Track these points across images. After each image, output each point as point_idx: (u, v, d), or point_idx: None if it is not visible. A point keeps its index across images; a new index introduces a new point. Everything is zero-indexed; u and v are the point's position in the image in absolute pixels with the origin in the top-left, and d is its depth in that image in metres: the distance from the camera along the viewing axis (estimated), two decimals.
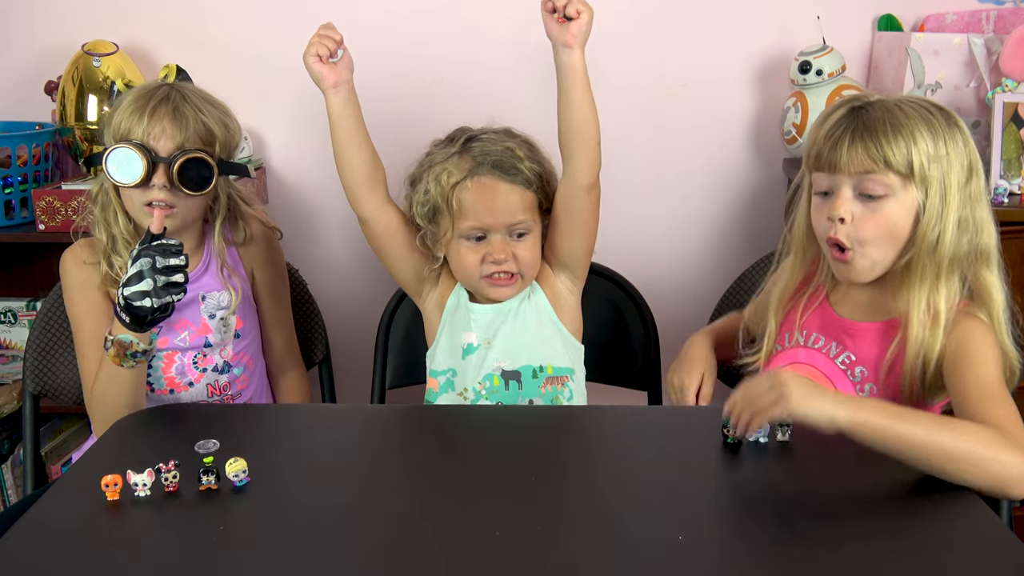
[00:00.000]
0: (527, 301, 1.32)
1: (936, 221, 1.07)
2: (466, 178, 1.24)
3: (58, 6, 1.91)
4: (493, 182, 1.23)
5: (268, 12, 1.93)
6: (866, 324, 1.17)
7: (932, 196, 1.07)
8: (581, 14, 1.17)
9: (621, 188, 1.99)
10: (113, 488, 0.91)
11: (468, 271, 1.28)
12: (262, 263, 1.45)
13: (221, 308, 1.38)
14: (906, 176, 1.06)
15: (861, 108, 1.09)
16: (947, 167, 1.07)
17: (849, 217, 1.09)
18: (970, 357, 1.06)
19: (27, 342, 1.45)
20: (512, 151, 1.25)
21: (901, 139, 1.05)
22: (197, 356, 1.37)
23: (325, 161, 2.03)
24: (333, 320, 1.66)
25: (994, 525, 0.88)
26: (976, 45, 1.73)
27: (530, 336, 1.31)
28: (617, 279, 1.53)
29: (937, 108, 1.10)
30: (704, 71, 1.95)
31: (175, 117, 1.26)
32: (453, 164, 1.25)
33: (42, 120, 1.91)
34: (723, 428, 1.04)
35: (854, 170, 1.07)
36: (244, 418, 1.21)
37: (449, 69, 1.95)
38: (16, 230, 1.76)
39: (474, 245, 1.26)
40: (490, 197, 1.23)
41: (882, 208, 1.08)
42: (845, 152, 1.07)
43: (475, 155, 1.25)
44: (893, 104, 1.09)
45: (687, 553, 0.83)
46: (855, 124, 1.08)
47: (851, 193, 1.09)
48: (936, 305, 1.08)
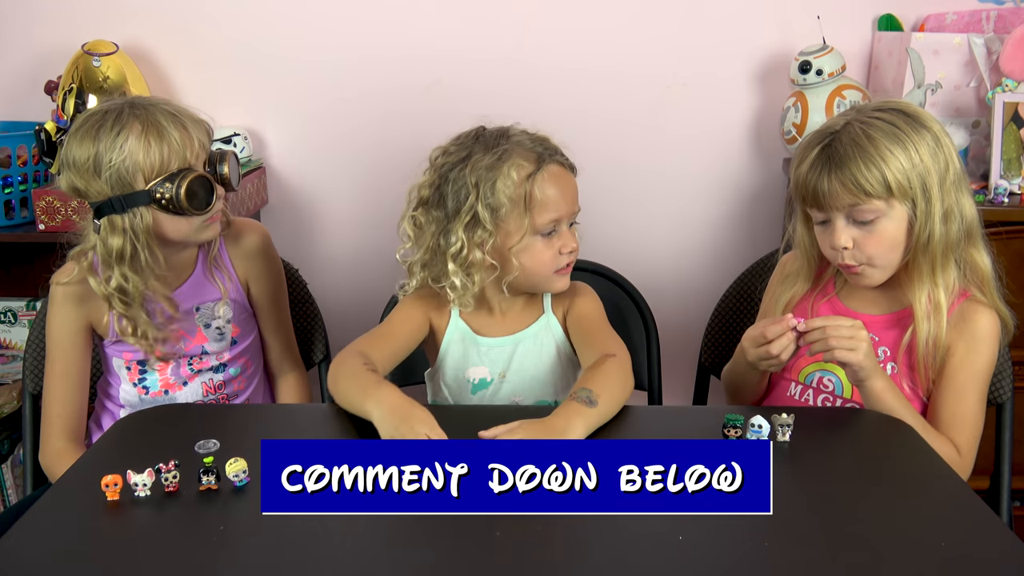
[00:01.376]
0: (545, 331, 1.29)
1: (925, 222, 1.14)
2: (540, 169, 1.17)
3: (58, 6, 1.91)
4: (561, 171, 1.20)
5: (268, 12, 1.93)
6: (879, 317, 1.24)
7: (919, 203, 1.14)
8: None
9: (621, 188, 2.00)
10: (113, 488, 0.91)
11: (543, 268, 1.21)
12: (258, 275, 1.42)
13: (216, 318, 1.37)
14: (888, 196, 1.13)
15: (829, 144, 1.15)
16: (924, 172, 1.13)
17: (850, 244, 1.16)
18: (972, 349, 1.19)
19: (27, 342, 1.45)
20: (550, 142, 1.22)
21: (873, 167, 1.12)
22: (193, 359, 1.37)
23: (325, 161, 2.05)
24: (333, 320, 1.66)
25: (994, 525, 0.88)
26: (976, 45, 1.73)
27: (545, 368, 1.28)
28: (617, 279, 1.53)
29: (899, 113, 1.16)
30: (704, 71, 1.95)
31: (192, 126, 1.24)
32: (519, 159, 1.17)
33: (42, 120, 1.91)
34: (723, 428, 1.05)
35: (840, 205, 1.14)
36: (244, 418, 1.21)
37: (449, 70, 1.95)
38: (16, 230, 1.76)
39: (548, 240, 1.20)
40: (564, 185, 1.19)
41: (877, 228, 1.15)
42: (827, 192, 1.14)
43: (532, 148, 1.19)
44: (859, 130, 1.14)
45: (687, 553, 0.83)
46: (828, 164, 1.14)
47: (845, 223, 1.16)
48: (936, 297, 1.17)
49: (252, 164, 1.95)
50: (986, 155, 1.77)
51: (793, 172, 1.20)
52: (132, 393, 1.37)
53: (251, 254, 1.41)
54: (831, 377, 1.27)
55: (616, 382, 1.11)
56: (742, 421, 1.04)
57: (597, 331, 1.25)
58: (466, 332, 1.28)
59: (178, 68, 1.95)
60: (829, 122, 1.21)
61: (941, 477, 0.98)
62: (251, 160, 1.96)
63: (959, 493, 0.94)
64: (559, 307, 1.30)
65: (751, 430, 1.02)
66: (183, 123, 1.23)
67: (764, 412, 1.05)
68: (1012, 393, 1.38)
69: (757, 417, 1.03)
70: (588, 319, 1.28)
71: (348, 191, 2.04)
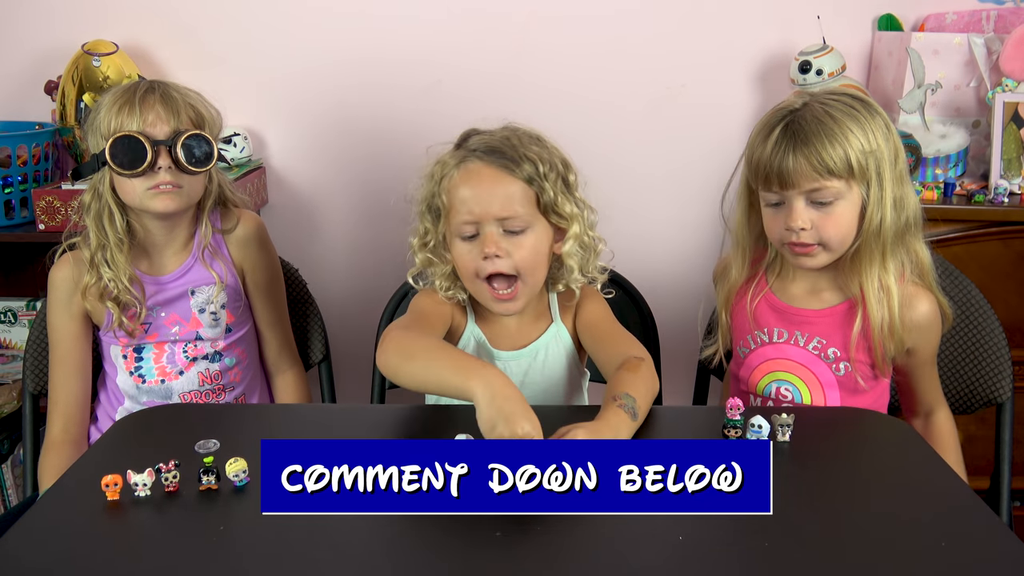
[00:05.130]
0: (555, 341, 1.28)
1: (877, 207, 1.16)
2: (455, 167, 1.15)
3: (58, 6, 1.91)
4: (481, 167, 1.14)
5: (269, 12, 1.93)
6: (823, 311, 1.25)
7: (873, 187, 1.15)
8: None
9: (621, 188, 1.99)
10: (113, 488, 0.91)
11: (466, 273, 1.18)
12: (253, 264, 1.44)
13: (210, 303, 1.39)
14: (848, 177, 1.14)
15: (792, 122, 1.15)
16: (879, 155, 1.15)
17: (808, 225, 1.17)
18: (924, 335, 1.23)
19: (27, 342, 1.45)
20: (508, 139, 1.15)
21: (837, 144, 1.13)
22: (188, 346, 1.39)
23: (325, 161, 2.05)
24: (333, 320, 1.66)
25: (994, 525, 0.88)
26: (976, 45, 1.73)
27: (557, 378, 1.27)
28: (617, 279, 1.53)
29: (856, 99, 1.17)
30: (704, 71, 1.95)
31: (165, 102, 1.28)
32: (447, 157, 1.18)
33: (42, 120, 1.91)
34: (723, 428, 1.05)
35: (804, 186, 1.15)
36: (244, 418, 1.21)
37: (449, 71, 1.95)
38: (16, 230, 1.75)
39: (469, 245, 1.16)
40: (477, 183, 1.13)
41: (835, 210, 1.16)
42: (791, 170, 1.14)
43: (470, 147, 1.17)
44: (820, 110, 1.15)
45: (687, 553, 0.83)
46: (793, 141, 1.14)
47: (804, 203, 1.16)
48: (886, 282, 1.18)
49: (252, 164, 1.95)
50: (986, 155, 1.77)
51: (753, 152, 1.20)
52: (129, 383, 1.39)
53: (245, 241, 1.43)
54: (787, 387, 1.27)
55: (651, 389, 1.10)
56: (742, 421, 1.04)
57: (614, 333, 1.25)
58: (482, 343, 1.27)
59: (178, 68, 1.94)
60: (785, 102, 1.21)
61: (941, 477, 0.98)
62: (251, 160, 1.96)
63: (959, 493, 0.94)
64: (566, 313, 1.29)
65: (751, 430, 1.02)
66: (156, 99, 1.28)
67: (764, 412, 1.05)
68: (1012, 393, 1.38)
69: (757, 417, 1.03)
70: (602, 321, 1.27)
71: (348, 191, 2.04)
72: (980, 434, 1.39)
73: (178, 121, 1.28)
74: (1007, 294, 1.64)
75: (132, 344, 1.37)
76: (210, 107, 1.35)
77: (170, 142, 1.27)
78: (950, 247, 1.65)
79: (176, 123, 1.28)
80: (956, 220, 1.66)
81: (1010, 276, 1.68)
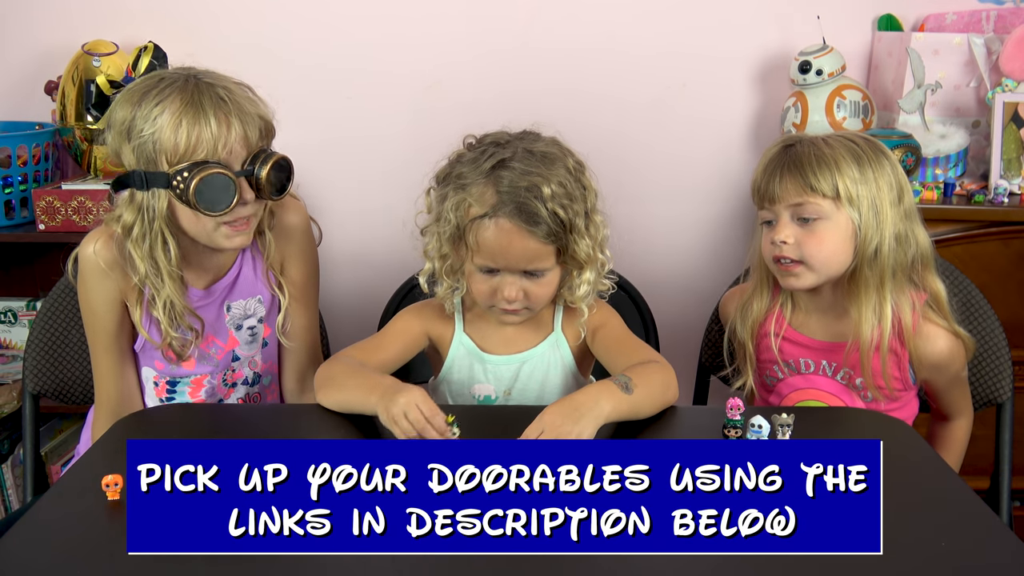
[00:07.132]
0: (553, 349, 1.26)
1: (873, 235, 1.19)
2: (486, 216, 1.12)
3: (58, 6, 1.91)
4: (512, 227, 1.11)
5: (269, 12, 1.93)
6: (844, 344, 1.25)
7: (866, 214, 1.19)
8: None
9: (621, 188, 1.99)
10: (113, 488, 0.91)
11: (480, 298, 1.20)
12: (295, 259, 1.30)
13: (247, 316, 1.28)
14: (835, 199, 1.18)
15: (791, 146, 1.23)
16: (876, 189, 1.19)
17: (791, 239, 1.21)
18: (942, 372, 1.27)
19: (27, 342, 1.45)
20: (538, 189, 1.11)
21: (825, 168, 1.18)
22: (226, 374, 1.30)
23: (325, 160, 2.04)
24: (333, 320, 1.66)
25: (994, 525, 0.88)
26: (976, 45, 1.73)
27: (551, 387, 1.26)
28: (617, 279, 1.53)
29: (864, 140, 1.23)
30: (704, 71, 1.95)
31: (240, 117, 1.12)
32: (476, 195, 1.13)
33: (42, 120, 1.91)
34: (724, 428, 1.05)
35: (788, 200, 1.20)
36: (245, 418, 1.21)
37: (449, 71, 1.95)
38: (16, 230, 1.76)
39: (486, 277, 1.17)
40: (507, 242, 1.12)
41: (818, 228, 1.20)
42: (778, 186, 1.21)
43: (501, 189, 1.11)
44: (820, 140, 1.22)
45: (687, 553, 0.83)
46: (785, 161, 1.21)
47: (788, 218, 1.21)
48: (882, 310, 1.20)
49: None
50: (986, 155, 1.77)
51: (755, 172, 1.26)
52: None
53: (290, 232, 1.29)
54: None
55: (657, 380, 1.11)
56: (742, 421, 1.04)
57: (629, 343, 1.24)
58: (472, 349, 1.26)
59: None
60: (793, 134, 1.28)
61: (941, 477, 0.99)
62: None
63: (959, 493, 0.94)
64: (570, 324, 1.27)
65: (751, 430, 1.02)
66: (229, 111, 1.11)
67: (764, 412, 1.05)
68: (1012, 393, 1.38)
69: (757, 417, 1.03)
70: (616, 332, 1.26)
71: (349, 191, 2.04)
72: (980, 434, 1.39)
73: (254, 138, 1.14)
74: (1007, 294, 1.64)
75: (165, 375, 1.27)
76: (265, 105, 1.19)
77: (251, 171, 1.13)
78: (950, 247, 1.64)
79: (249, 142, 1.13)
80: (956, 220, 1.66)
81: (1010, 276, 1.68)
